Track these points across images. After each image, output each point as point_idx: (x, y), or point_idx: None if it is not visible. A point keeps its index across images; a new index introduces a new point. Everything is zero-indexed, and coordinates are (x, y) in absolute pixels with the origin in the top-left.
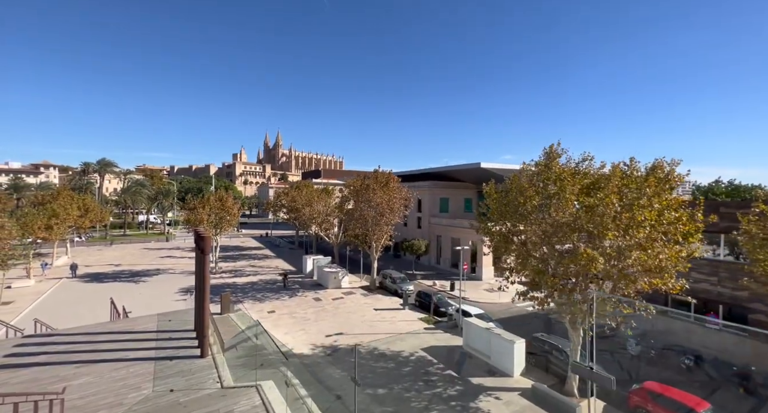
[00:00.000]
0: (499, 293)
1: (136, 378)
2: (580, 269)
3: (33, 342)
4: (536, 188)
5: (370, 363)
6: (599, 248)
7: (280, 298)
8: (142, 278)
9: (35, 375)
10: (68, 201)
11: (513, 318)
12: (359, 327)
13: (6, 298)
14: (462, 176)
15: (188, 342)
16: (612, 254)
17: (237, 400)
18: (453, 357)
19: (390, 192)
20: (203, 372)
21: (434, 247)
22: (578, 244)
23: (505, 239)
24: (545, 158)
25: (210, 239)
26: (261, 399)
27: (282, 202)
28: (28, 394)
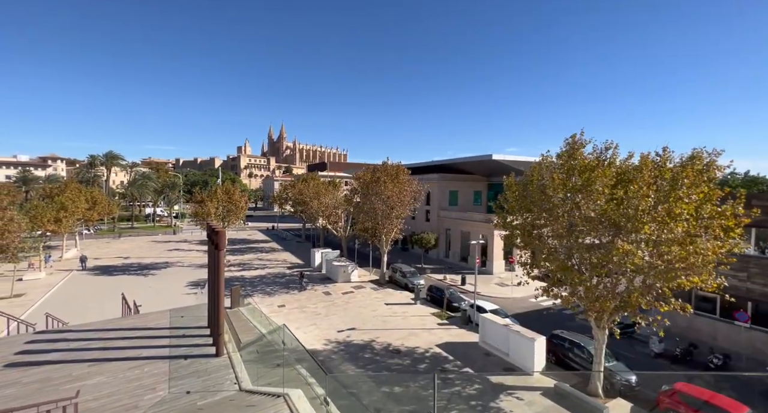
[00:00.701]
0: (511, 288)
1: (150, 379)
2: (613, 264)
3: (45, 339)
4: (560, 180)
5: (386, 360)
6: (633, 244)
7: (289, 292)
8: (151, 271)
9: (48, 373)
10: (76, 194)
11: (527, 314)
12: (371, 322)
13: (17, 290)
14: (472, 169)
15: (202, 340)
16: (651, 249)
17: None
18: (469, 353)
19: (400, 185)
20: (219, 373)
21: (443, 241)
22: (609, 238)
23: (527, 233)
24: (568, 149)
25: (224, 233)
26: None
27: (288, 195)
28: (38, 405)
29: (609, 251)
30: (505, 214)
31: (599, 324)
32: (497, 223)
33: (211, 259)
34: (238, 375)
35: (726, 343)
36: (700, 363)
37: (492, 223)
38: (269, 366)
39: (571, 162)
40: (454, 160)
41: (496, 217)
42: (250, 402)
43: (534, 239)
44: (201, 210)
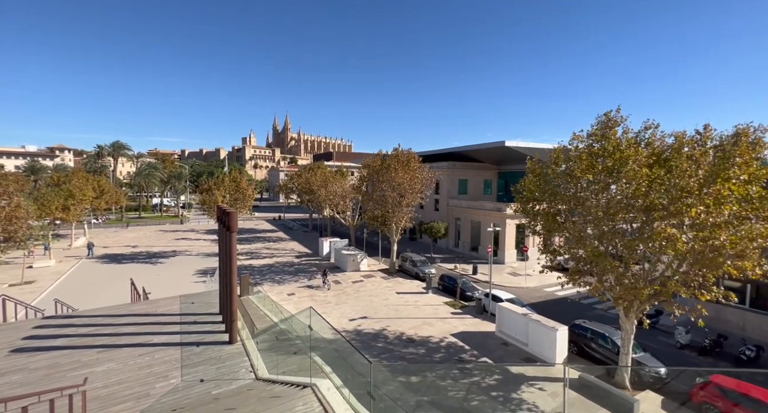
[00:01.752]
0: (525, 278)
1: (162, 366)
2: (651, 250)
3: (53, 324)
4: (588, 162)
5: (399, 349)
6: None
7: (298, 280)
8: (159, 259)
9: (55, 359)
10: (83, 182)
11: (542, 304)
12: (383, 311)
13: (28, 277)
14: (482, 157)
15: (214, 327)
16: (695, 233)
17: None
18: (486, 343)
19: (411, 172)
20: (234, 360)
21: (452, 230)
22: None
23: (552, 219)
24: (600, 128)
25: (236, 214)
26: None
27: (295, 184)
28: (45, 392)
29: (648, 236)
30: (525, 199)
31: (627, 314)
32: (517, 209)
33: (223, 242)
34: (254, 363)
35: (756, 334)
36: (731, 355)
37: (504, 212)
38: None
39: (603, 142)
40: (464, 147)
41: (516, 203)
42: (273, 393)
43: (560, 225)
44: (208, 198)
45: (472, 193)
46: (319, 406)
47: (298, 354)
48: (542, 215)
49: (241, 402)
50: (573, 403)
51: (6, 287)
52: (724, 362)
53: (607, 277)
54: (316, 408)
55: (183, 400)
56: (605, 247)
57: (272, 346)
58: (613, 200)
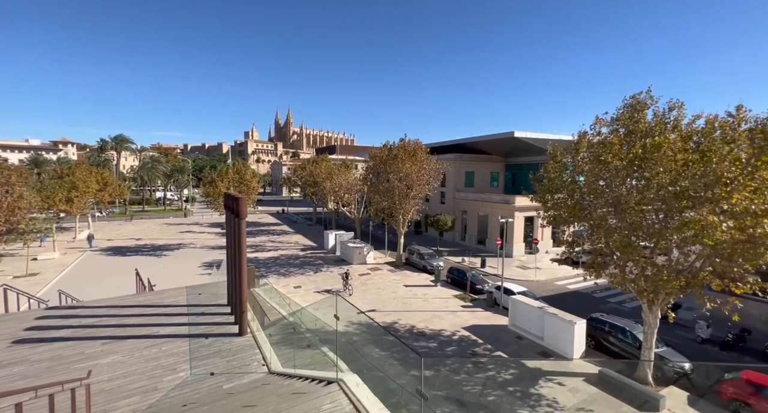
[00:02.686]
0: (534, 271)
1: (169, 358)
2: (687, 240)
3: (56, 315)
4: (618, 148)
5: (411, 342)
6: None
7: (305, 273)
8: (164, 252)
9: (58, 351)
10: (86, 174)
11: (554, 297)
12: (392, 304)
13: (32, 270)
14: (490, 148)
15: (223, 318)
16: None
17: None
18: (500, 337)
19: (419, 163)
20: (245, 353)
21: (459, 223)
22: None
23: (575, 208)
24: (628, 111)
25: (245, 200)
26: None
27: (299, 177)
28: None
29: (684, 224)
30: (546, 188)
31: (651, 307)
32: (535, 198)
33: (231, 229)
34: (266, 356)
35: None
36: (755, 350)
37: (513, 204)
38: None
39: (631, 126)
40: (471, 139)
41: (535, 193)
42: (293, 388)
43: (584, 215)
44: (212, 190)
45: (478, 185)
46: (349, 404)
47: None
48: (564, 204)
49: (258, 398)
50: (594, 399)
51: (10, 279)
52: (748, 357)
53: (632, 268)
54: (345, 406)
55: (193, 395)
56: (635, 237)
57: (283, 339)
58: (646, 188)
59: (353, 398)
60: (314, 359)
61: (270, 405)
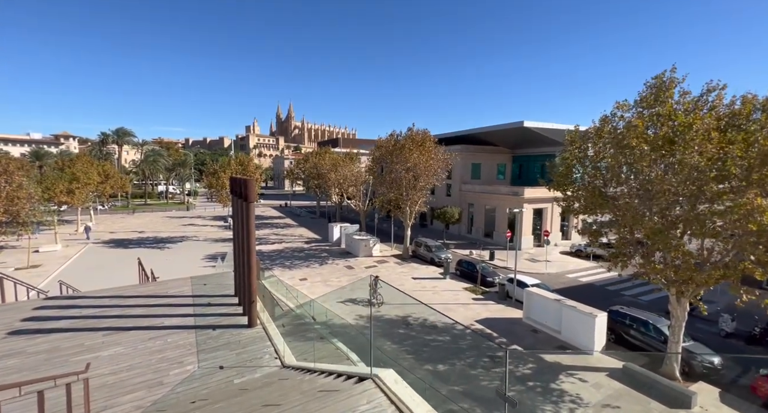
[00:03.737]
0: (545, 264)
1: (175, 350)
2: (731, 225)
3: (55, 305)
4: (642, 130)
5: (423, 336)
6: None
7: (310, 266)
8: (167, 244)
9: (57, 342)
10: (88, 166)
11: (567, 290)
12: (401, 297)
13: (34, 262)
14: (496, 139)
15: (230, 309)
16: None
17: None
18: (514, 330)
19: (427, 153)
20: (255, 345)
21: (465, 216)
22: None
23: (597, 195)
24: (653, 92)
25: (253, 181)
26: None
27: (302, 169)
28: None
29: (727, 209)
30: (564, 175)
31: (680, 299)
32: (553, 186)
33: (239, 214)
34: (278, 349)
35: None
36: None
37: (521, 196)
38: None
39: (657, 107)
40: (478, 129)
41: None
42: (317, 385)
43: (607, 202)
44: (215, 182)
45: (485, 178)
46: (390, 405)
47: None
48: (585, 192)
49: (278, 395)
50: (620, 395)
51: (12, 271)
52: None
53: (661, 257)
54: (386, 407)
55: (201, 390)
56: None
57: (294, 331)
58: (678, 171)
59: (393, 397)
60: (329, 352)
61: (295, 405)
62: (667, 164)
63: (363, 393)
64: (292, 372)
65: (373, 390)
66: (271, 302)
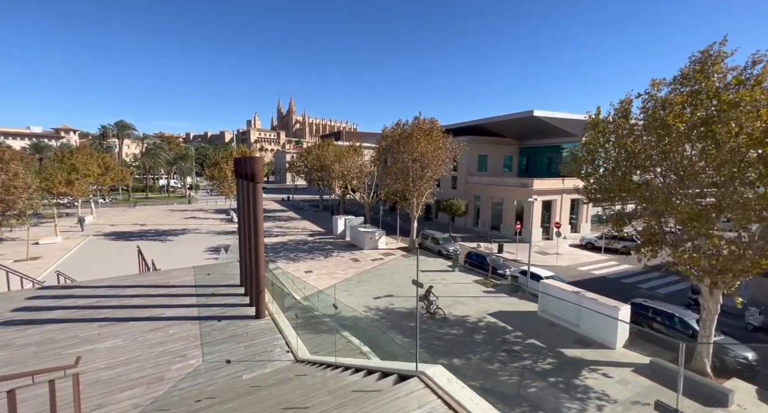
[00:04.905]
0: (556, 256)
1: (178, 343)
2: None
3: (49, 295)
4: (680, 109)
5: (434, 329)
6: None
7: (315, 258)
8: (168, 237)
9: (49, 334)
10: (88, 158)
11: (579, 283)
12: (409, 289)
13: (33, 254)
14: (504, 130)
15: (236, 299)
16: None
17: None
18: (529, 324)
19: (435, 142)
20: (264, 338)
21: (472, 208)
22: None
23: (625, 179)
24: (696, 68)
25: (261, 160)
26: (451, 408)
27: (305, 161)
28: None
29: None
30: (585, 160)
31: (712, 291)
32: (573, 171)
33: (244, 197)
34: (289, 342)
35: None
36: None
37: (530, 187)
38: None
39: (702, 82)
40: (486, 120)
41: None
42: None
43: (635, 187)
44: (217, 173)
45: (491, 169)
46: (447, 410)
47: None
48: (610, 176)
49: (300, 395)
50: (650, 392)
51: (11, 263)
52: None
53: (697, 246)
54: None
55: (207, 386)
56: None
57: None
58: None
59: (451, 400)
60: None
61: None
62: (704, 146)
63: (410, 394)
64: (308, 368)
65: (422, 392)
66: (279, 292)
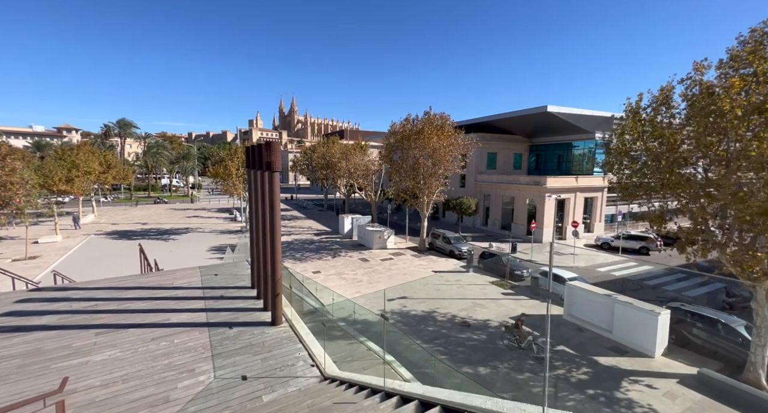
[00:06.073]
0: (572, 257)
1: (185, 354)
2: None
3: (41, 298)
4: (736, 90)
5: (455, 334)
6: None
7: (322, 258)
8: (171, 236)
9: (38, 343)
10: (89, 155)
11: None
12: (423, 291)
13: (33, 253)
14: (514, 127)
15: (248, 303)
16: None
17: None
18: (556, 328)
19: (446, 137)
20: (283, 348)
21: (481, 207)
22: None
23: (670, 171)
24: (747, 46)
25: (278, 145)
26: None
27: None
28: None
29: None
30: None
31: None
32: (608, 165)
33: (258, 188)
34: (313, 353)
35: None
36: None
37: (543, 185)
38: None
39: (757, 63)
40: (497, 116)
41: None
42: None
43: (684, 181)
44: (222, 171)
45: (500, 167)
46: None
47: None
48: (652, 169)
49: None
50: (702, 408)
51: (9, 263)
52: None
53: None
54: None
55: (221, 409)
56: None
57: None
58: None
59: None
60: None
61: None
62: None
63: None
64: (343, 392)
65: None
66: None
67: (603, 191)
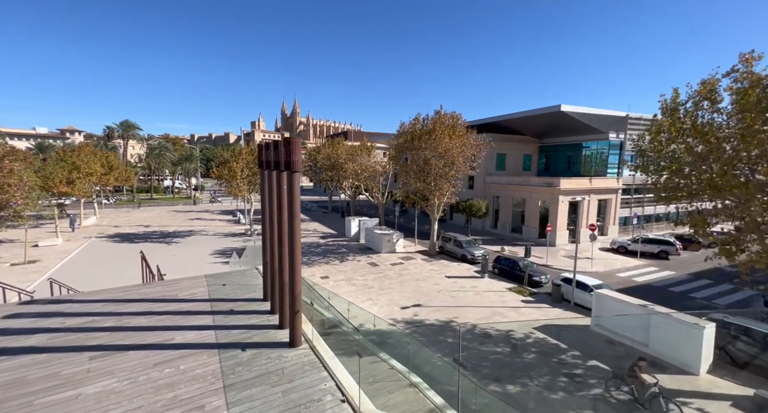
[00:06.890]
0: (591, 261)
1: (193, 385)
2: None
3: (30, 313)
4: None
5: (476, 346)
6: None
7: (329, 262)
8: (174, 239)
9: (21, 371)
10: (90, 156)
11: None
12: (438, 298)
13: (32, 257)
14: (524, 127)
15: (260, 319)
16: None
17: None
18: (585, 340)
19: (458, 137)
20: (306, 378)
21: (491, 210)
22: None
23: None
24: None
25: (299, 140)
26: None
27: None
28: None
29: None
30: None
31: None
32: (639, 166)
33: (273, 192)
34: (341, 384)
35: None
36: None
37: (556, 187)
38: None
39: None
40: (507, 116)
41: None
42: None
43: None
44: (225, 173)
45: (510, 169)
46: None
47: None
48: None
49: None
50: None
51: (7, 267)
52: None
53: None
54: None
55: None
56: None
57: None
58: None
59: None
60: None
61: None
62: None
63: None
64: None
65: None
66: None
67: (617, 192)
